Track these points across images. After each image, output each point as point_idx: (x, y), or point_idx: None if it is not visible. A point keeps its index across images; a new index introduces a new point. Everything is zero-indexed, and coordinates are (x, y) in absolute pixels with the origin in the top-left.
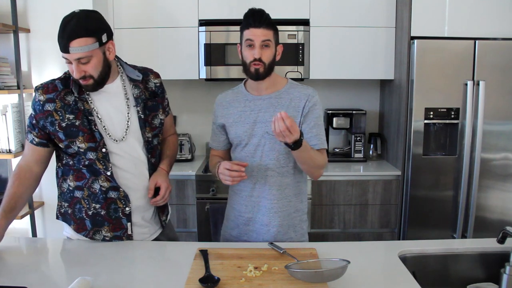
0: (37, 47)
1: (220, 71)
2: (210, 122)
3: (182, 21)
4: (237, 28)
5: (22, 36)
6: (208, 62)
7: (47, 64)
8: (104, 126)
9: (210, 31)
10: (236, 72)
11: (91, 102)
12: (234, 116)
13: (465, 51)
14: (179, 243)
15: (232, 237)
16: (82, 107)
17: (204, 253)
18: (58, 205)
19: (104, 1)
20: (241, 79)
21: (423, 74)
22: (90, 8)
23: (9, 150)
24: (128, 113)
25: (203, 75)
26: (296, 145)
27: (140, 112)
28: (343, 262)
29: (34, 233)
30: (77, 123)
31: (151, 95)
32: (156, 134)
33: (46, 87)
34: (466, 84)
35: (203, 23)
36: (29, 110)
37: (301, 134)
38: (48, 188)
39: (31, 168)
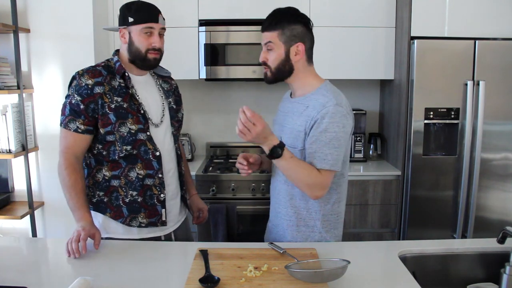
0: (37, 47)
1: (220, 71)
2: (210, 122)
3: (182, 21)
4: (237, 28)
5: (22, 36)
6: (208, 62)
7: (47, 64)
8: (145, 111)
9: (210, 31)
10: (236, 72)
11: (134, 89)
12: (277, 115)
13: (465, 51)
14: (179, 243)
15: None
16: (129, 92)
17: (204, 253)
18: (88, 195)
19: (104, 1)
20: (241, 79)
21: (423, 74)
22: (90, 7)
23: (9, 150)
24: (163, 103)
25: (203, 75)
26: (272, 152)
27: (172, 103)
28: (343, 262)
29: (34, 233)
30: (125, 106)
31: (174, 91)
32: (178, 128)
33: (92, 72)
34: (466, 84)
35: (203, 23)
36: (29, 110)
37: (282, 143)
38: (48, 188)
39: (79, 158)
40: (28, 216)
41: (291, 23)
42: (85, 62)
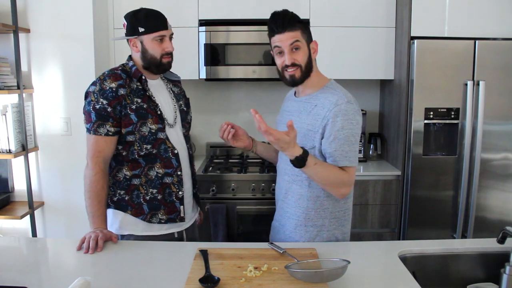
0: (37, 47)
1: (220, 71)
2: (210, 122)
3: (182, 21)
4: (237, 28)
5: (22, 36)
6: (208, 62)
7: (47, 64)
8: (162, 112)
9: (210, 31)
10: (236, 72)
11: (150, 91)
12: (280, 115)
13: (465, 51)
14: (179, 243)
15: None
16: (146, 94)
17: (204, 253)
18: (109, 194)
19: (104, 1)
20: (241, 79)
21: (423, 74)
22: (90, 7)
23: (9, 150)
24: (174, 106)
25: (203, 75)
26: (297, 162)
27: (183, 106)
28: (343, 262)
29: (34, 233)
30: (144, 106)
31: (184, 95)
32: (188, 129)
33: (114, 76)
34: (466, 84)
35: (203, 23)
36: (29, 110)
37: (305, 152)
38: (48, 188)
39: (107, 162)
40: (28, 216)
41: (303, 22)
42: (85, 62)
